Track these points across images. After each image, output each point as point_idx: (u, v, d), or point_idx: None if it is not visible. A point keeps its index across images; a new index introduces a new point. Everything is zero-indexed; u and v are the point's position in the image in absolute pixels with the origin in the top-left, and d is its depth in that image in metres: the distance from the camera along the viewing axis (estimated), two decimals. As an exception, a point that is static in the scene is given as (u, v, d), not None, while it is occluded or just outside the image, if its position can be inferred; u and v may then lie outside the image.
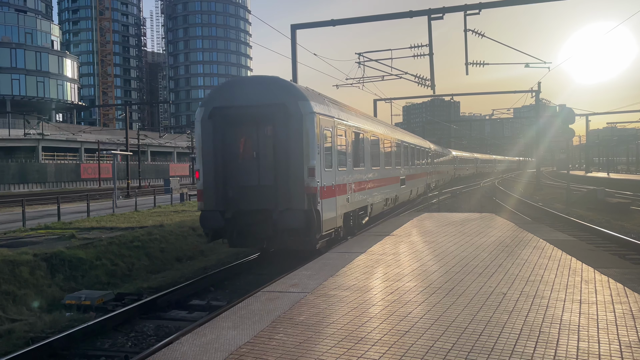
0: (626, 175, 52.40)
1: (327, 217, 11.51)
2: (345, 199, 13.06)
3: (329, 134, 12.05)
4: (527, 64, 26.00)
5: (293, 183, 10.82)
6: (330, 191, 11.80)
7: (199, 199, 11.66)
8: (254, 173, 11.33)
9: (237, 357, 4.87)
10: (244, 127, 11.41)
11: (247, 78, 12.36)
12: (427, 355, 4.76)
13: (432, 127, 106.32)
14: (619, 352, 4.74)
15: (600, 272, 8.12)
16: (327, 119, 11.93)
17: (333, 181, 12.05)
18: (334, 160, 12.31)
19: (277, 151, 10.94)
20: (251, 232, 11.24)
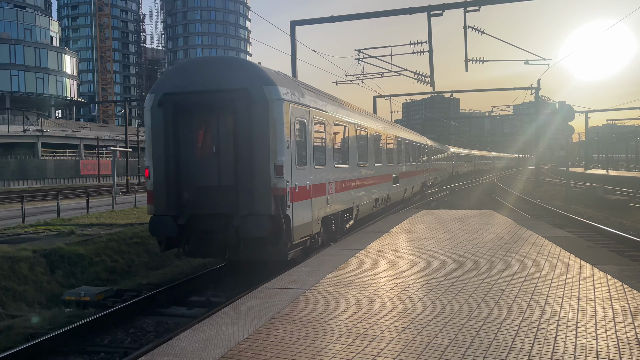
0: (625, 173, 52.44)
1: (300, 222, 9.97)
2: (323, 201, 11.51)
3: (304, 125, 10.49)
4: (526, 61, 25.99)
5: (257, 183, 9.30)
6: (304, 192, 10.25)
7: (148, 202, 10.08)
8: (214, 171, 9.74)
9: (236, 353, 4.89)
10: (202, 117, 9.83)
11: (203, 59, 10.60)
12: (426, 351, 4.78)
13: (431, 124, 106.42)
14: (616, 349, 4.76)
15: (599, 269, 8.14)
16: (301, 108, 10.34)
17: (308, 181, 10.49)
18: (310, 156, 10.74)
19: (238, 145, 9.33)
20: (210, 240, 9.64)
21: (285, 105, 9.57)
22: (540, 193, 34.22)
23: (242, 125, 9.35)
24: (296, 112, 10.09)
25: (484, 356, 4.62)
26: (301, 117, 10.36)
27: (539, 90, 41.76)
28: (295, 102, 10.06)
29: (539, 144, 50.42)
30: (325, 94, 13.12)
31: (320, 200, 11.28)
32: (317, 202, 11.07)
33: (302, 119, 10.42)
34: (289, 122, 9.68)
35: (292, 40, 21.81)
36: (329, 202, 11.93)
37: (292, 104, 9.91)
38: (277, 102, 9.41)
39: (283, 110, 9.49)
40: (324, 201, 11.55)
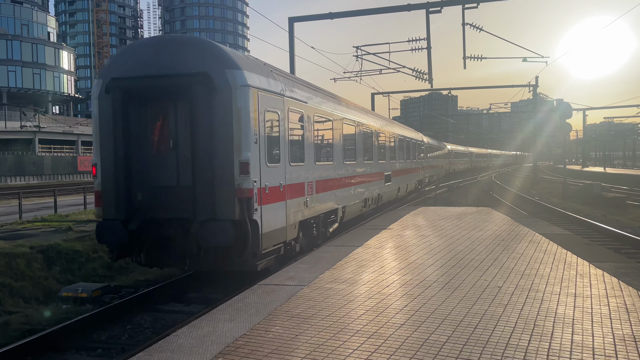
0: (622, 170, 52.56)
1: (271, 228, 8.87)
2: (301, 202, 10.41)
3: (276, 117, 9.33)
4: (524, 58, 26.02)
5: (219, 183, 8.15)
6: (276, 194, 9.13)
7: (96, 204, 8.91)
8: (172, 169, 8.61)
9: (233, 349, 4.89)
10: (157, 106, 8.68)
11: (157, 38, 9.42)
12: (422, 348, 4.79)
13: (429, 122, 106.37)
14: (612, 346, 4.78)
15: (595, 266, 8.17)
16: (274, 97, 9.20)
17: (281, 180, 9.38)
18: (284, 152, 9.59)
19: (197, 139, 8.12)
20: (167, 248, 8.60)
21: (252, 93, 8.37)
22: (537, 190, 34.29)
23: (202, 115, 8.10)
24: (267, 101, 8.91)
25: (481, 353, 4.64)
26: (273, 108, 9.20)
27: (537, 88, 41.82)
28: (266, 90, 8.88)
29: (536, 141, 50.50)
30: (307, 83, 11.99)
31: (297, 202, 10.15)
32: (293, 204, 9.97)
33: (275, 109, 9.26)
34: (257, 113, 8.48)
35: (290, 36, 21.77)
36: (309, 203, 10.81)
37: (262, 91, 8.74)
38: (242, 89, 8.20)
39: (250, 98, 8.29)
40: (301, 203, 10.45)
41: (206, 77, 8.11)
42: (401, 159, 22.52)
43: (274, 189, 9.08)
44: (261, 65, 9.57)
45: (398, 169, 21.65)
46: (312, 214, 11.10)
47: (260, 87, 8.72)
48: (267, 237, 8.70)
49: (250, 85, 8.35)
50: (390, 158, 19.96)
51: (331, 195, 12.52)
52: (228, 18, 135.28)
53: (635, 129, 64.92)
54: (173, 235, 8.45)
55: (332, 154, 12.75)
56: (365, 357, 4.60)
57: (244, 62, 8.70)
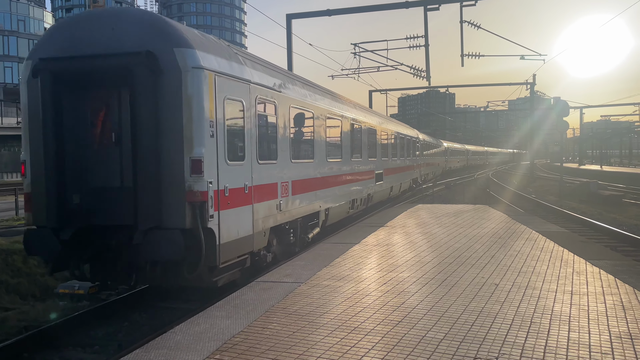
0: (619, 168, 52.72)
1: (232, 237, 7.60)
2: (273, 206, 9.19)
3: (240, 107, 8.04)
4: (522, 56, 26.06)
5: (166, 185, 6.92)
6: (239, 196, 7.88)
7: (25, 209, 7.56)
8: (115, 168, 7.35)
9: (230, 346, 4.89)
10: (96, 92, 7.39)
11: (95, 11, 7.88)
12: (420, 345, 4.80)
13: (427, 119, 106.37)
14: (609, 343, 4.80)
15: (592, 264, 8.19)
16: (237, 84, 7.92)
17: (246, 181, 8.12)
18: (250, 148, 8.29)
19: (139, 132, 6.83)
20: (111, 261, 7.26)
21: (208, 77, 7.12)
22: (534, 188, 34.36)
23: (146, 103, 6.83)
24: (228, 88, 7.64)
25: (478, 350, 4.65)
26: (237, 96, 7.89)
27: (534, 86, 41.88)
28: (226, 74, 7.60)
29: (533, 139, 50.58)
30: (284, 71, 10.81)
31: (267, 205, 8.92)
32: (263, 209, 8.72)
33: (239, 98, 7.95)
34: (214, 101, 7.22)
35: (288, 33, 21.73)
36: (283, 206, 9.56)
37: (222, 76, 7.47)
38: (194, 72, 6.94)
39: (204, 83, 7.02)
40: (273, 207, 9.21)
41: (150, 56, 6.81)
42: (394, 157, 21.41)
43: (236, 192, 7.75)
44: (223, 46, 8.20)
45: (391, 167, 20.57)
46: (287, 218, 9.86)
47: (219, 71, 7.40)
48: (227, 247, 7.41)
49: (204, 67, 7.05)
50: (382, 155, 18.83)
51: (311, 197, 11.29)
52: (225, 14, 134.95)
53: (632, 128, 65.11)
54: (115, 246, 7.12)
55: (313, 151, 11.52)
56: (362, 354, 4.61)
57: (198, 40, 7.38)
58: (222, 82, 7.49)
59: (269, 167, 9.11)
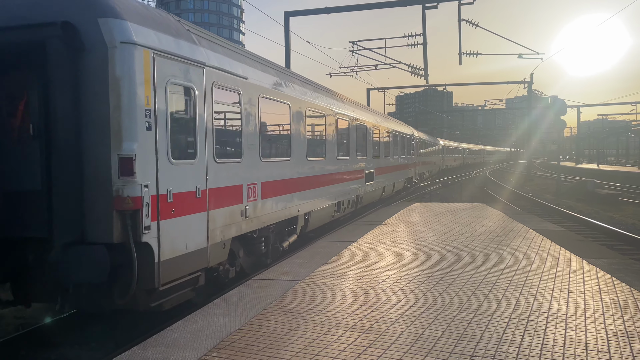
0: (616, 167, 52.87)
1: (178, 252, 6.23)
2: (237, 212, 7.80)
3: (191, 94, 6.62)
4: (520, 55, 26.08)
5: (89, 189, 5.72)
6: (189, 202, 6.49)
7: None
8: (32, 167, 5.89)
9: (228, 343, 4.89)
10: (10, 75, 6.05)
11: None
12: (417, 343, 4.81)
13: (424, 117, 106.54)
14: (605, 341, 4.82)
15: (589, 262, 8.22)
16: (186, 66, 6.50)
17: (199, 183, 6.70)
18: (204, 144, 6.85)
19: (55, 122, 5.59)
20: (33, 280, 6.06)
21: (144, 56, 5.80)
22: (531, 187, 34.44)
23: (63, 87, 5.59)
24: (173, 70, 6.26)
25: (475, 348, 4.66)
26: (185, 81, 6.48)
27: (532, 85, 41.94)
28: (171, 54, 6.23)
29: (531, 138, 50.68)
30: (254, 56, 9.31)
31: (228, 212, 7.51)
32: (222, 216, 7.33)
33: (188, 83, 6.54)
34: (151, 85, 5.90)
35: (286, 31, 21.69)
36: (250, 212, 8.21)
37: (164, 55, 6.11)
38: (124, 48, 5.62)
39: (137, 62, 5.70)
40: (237, 213, 7.83)
41: (67, 28, 5.51)
42: (387, 155, 20.19)
43: (184, 196, 6.38)
44: (170, 20, 6.76)
45: (383, 166, 19.35)
46: (256, 225, 8.50)
47: (160, 49, 6.05)
48: (170, 265, 6.04)
49: (138, 43, 5.72)
50: (373, 154, 17.60)
51: (287, 200, 9.93)
52: (223, 12, 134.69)
53: (629, 127, 65.27)
54: (34, 263, 5.89)
55: (290, 149, 10.20)
56: (359, 352, 4.61)
57: (132, 9, 5.99)
58: (163, 62, 6.10)
59: (232, 167, 7.71)
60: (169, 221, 6.09)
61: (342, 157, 13.96)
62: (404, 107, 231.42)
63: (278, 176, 9.58)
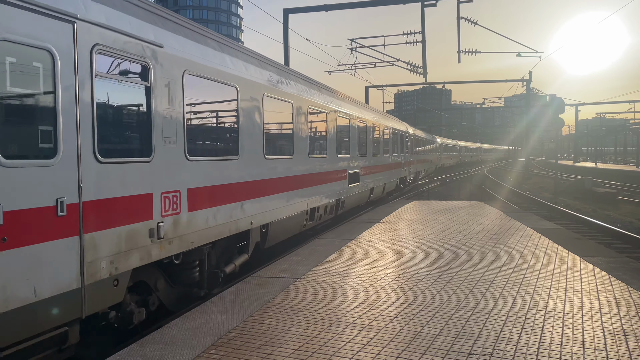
0: (613, 166, 52.97)
1: (16, 303, 4.23)
2: (141, 233, 5.72)
3: (45, 60, 4.62)
4: (519, 53, 26.09)
5: None
6: (44, 224, 4.52)
7: None
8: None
9: (226, 341, 4.90)
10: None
11: None
12: (415, 341, 4.82)
13: (423, 115, 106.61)
14: (602, 339, 4.83)
15: (586, 261, 8.24)
16: (33, 17, 4.49)
17: (64, 194, 4.71)
18: (73, 136, 4.87)
19: None
20: None
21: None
22: (529, 185, 34.49)
23: None
24: (7, 20, 4.26)
25: (472, 345, 4.67)
26: (34, 39, 4.49)
27: (531, 83, 41.98)
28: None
29: (529, 136, 50.74)
30: (184, 21, 7.29)
31: (124, 233, 5.45)
32: (112, 240, 5.27)
33: (41, 42, 4.55)
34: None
35: (285, 28, 21.66)
36: (167, 231, 6.13)
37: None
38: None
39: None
40: (142, 234, 5.73)
41: None
42: (376, 153, 18.27)
43: (29, 216, 4.39)
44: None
45: (371, 165, 17.38)
46: (177, 248, 6.37)
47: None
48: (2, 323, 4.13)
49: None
50: (359, 151, 15.70)
51: (232, 211, 7.79)
52: (222, 9, 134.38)
53: (627, 125, 65.36)
54: None
55: (238, 146, 8.09)
56: (357, 350, 4.62)
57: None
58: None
59: (132, 169, 5.63)
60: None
61: (318, 155, 11.94)
62: (403, 105, 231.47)
63: (218, 180, 7.45)
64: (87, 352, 6.71)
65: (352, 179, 14.79)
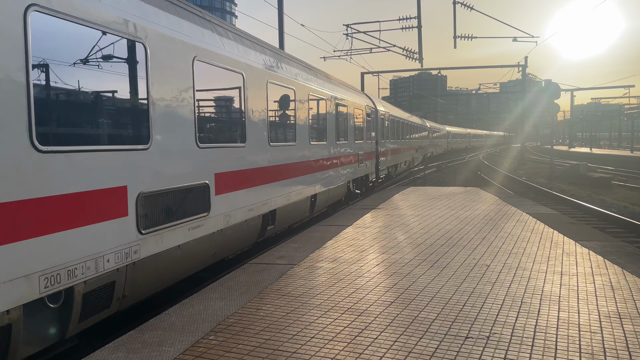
0: (608, 151, 53.17)
1: None
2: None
3: None
4: (515, 38, 26.00)
5: None
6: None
7: None
8: None
9: (224, 327, 4.92)
10: None
11: None
12: (412, 325, 4.85)
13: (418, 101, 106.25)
14: (598, 322, 4.88)
15: (581, 245, 8.30)
16: None
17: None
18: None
19: None
20: None
21: None
22: (524, 171, 34.60)
23: None
24: None
25: (469, 329, 4.71)
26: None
27: (526, 68, 41.88)
28: None
29: (524, 122, 50.75)
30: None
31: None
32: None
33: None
34: None
35: (280, 13, 21.46)
36: None
37: None
38: None
39: None
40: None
41: None
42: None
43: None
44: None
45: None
46: None
47: None
48: None
49: None
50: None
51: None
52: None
53: (622, 110, 65.50)
54: None
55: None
56: (355, 335, 4.65)
57: None
58: None
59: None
60: None
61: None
62: (398, 91, 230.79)
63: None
64: (86, 339, 6.74)
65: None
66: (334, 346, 4.41)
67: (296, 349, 4.35)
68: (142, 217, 5.46)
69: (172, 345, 4.52)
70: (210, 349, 4.42)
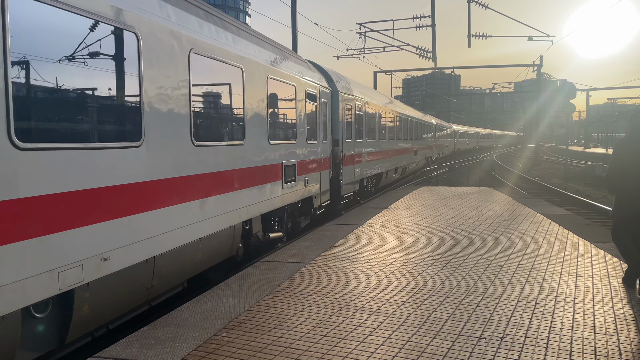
0: (625, 152, 52.37)
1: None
2: None
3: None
4: (530, 37, 25.76)
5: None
6: None
7: None
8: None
9: (237, 324, 4.94)
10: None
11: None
12: (425, 325, 4.83)
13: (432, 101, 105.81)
14: (614, 325, 4.82)
15: (597, 247, 8.19)
16: None
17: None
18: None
19: None
20: None
21: None
22: (538, 171, 34.26)
23: None
24: None
25: (483, 330, 4.68)
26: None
27: (542, 67, 41.47)
28: None
29: (539, 122, 50.25)
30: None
31: None
32: None
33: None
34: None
35: (293, 12, 21.47)
36: None
37: None
38: None
39: None
40: None
41: None
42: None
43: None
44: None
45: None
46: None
47: None
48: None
49: None
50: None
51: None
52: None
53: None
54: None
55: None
56: (367, 334, 4.64)
57: None
58: None
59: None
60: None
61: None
62: (412, 91, 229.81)
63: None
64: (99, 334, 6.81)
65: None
66: (346, 345, 4.40)
67: (308, 347, 4.36)
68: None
69: (185, 342, 4.54)
70: (223, 345, 4.44)
